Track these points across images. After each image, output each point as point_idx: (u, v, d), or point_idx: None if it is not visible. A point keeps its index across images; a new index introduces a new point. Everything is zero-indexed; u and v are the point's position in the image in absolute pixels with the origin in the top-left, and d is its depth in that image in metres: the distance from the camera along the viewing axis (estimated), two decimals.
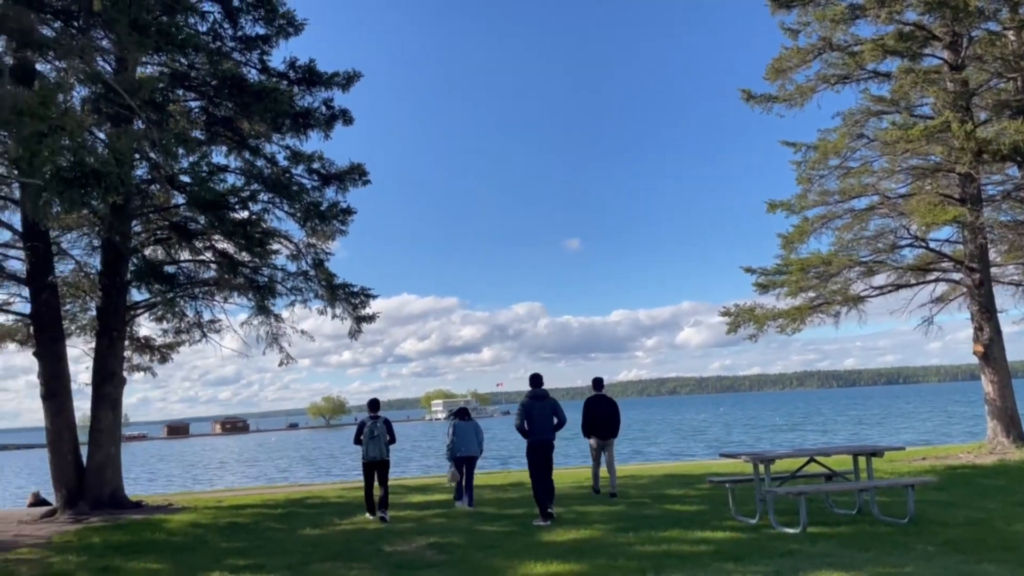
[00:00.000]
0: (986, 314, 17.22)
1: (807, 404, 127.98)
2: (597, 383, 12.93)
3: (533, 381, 10.68)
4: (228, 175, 14.97)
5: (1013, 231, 18.71)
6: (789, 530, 8.65)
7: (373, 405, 12.11)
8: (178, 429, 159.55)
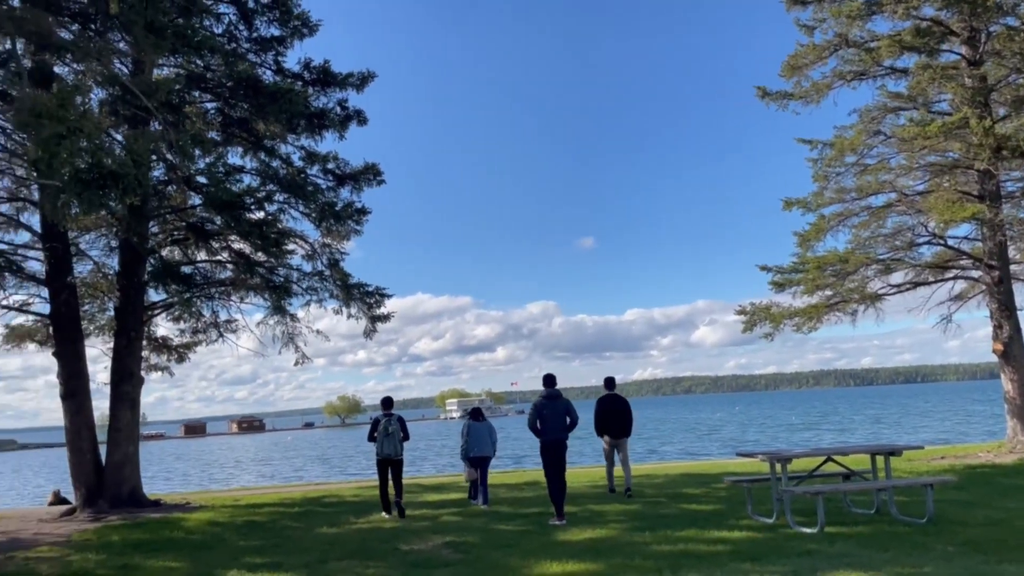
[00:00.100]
0: (1005, 312, 17.05)
1: (824, 403, 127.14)
2: (609, 382, 12.98)
3: (546, 381, 10.69)
4: (244, 176, 15.13)
5: None
6: (807, 530, 8.60)
7: (387, 403, 12.19)
8: (195, 428, 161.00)
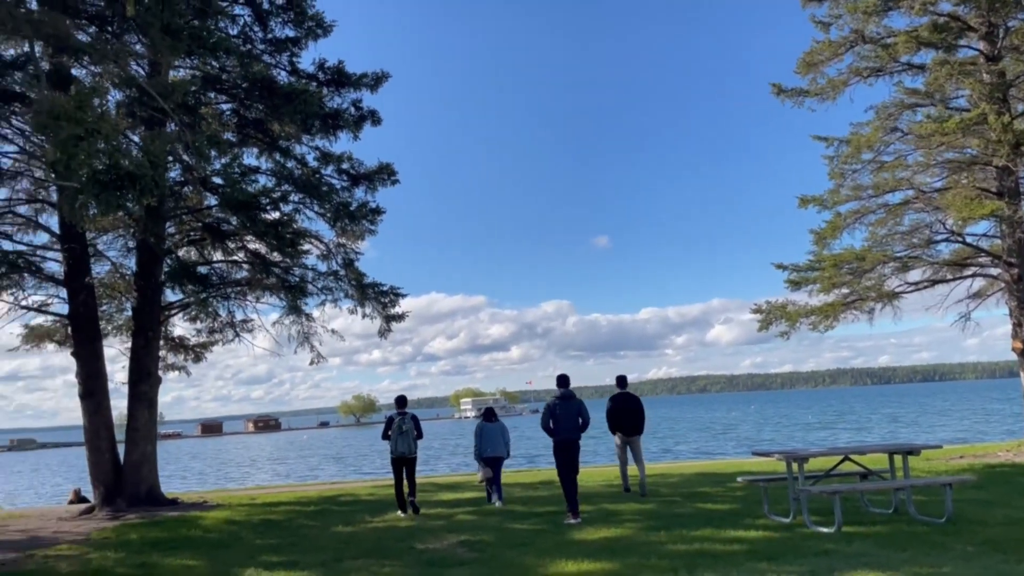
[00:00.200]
0: None
1: (840, 402, 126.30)
2: (621, 381, 13.00)
3: (560, 382, 10.69)
4: (259, 176, 15.22)
5: None
6: (824, 529, 8.55)
7: (400, 402, 12.27)
8: (212, 427, 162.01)
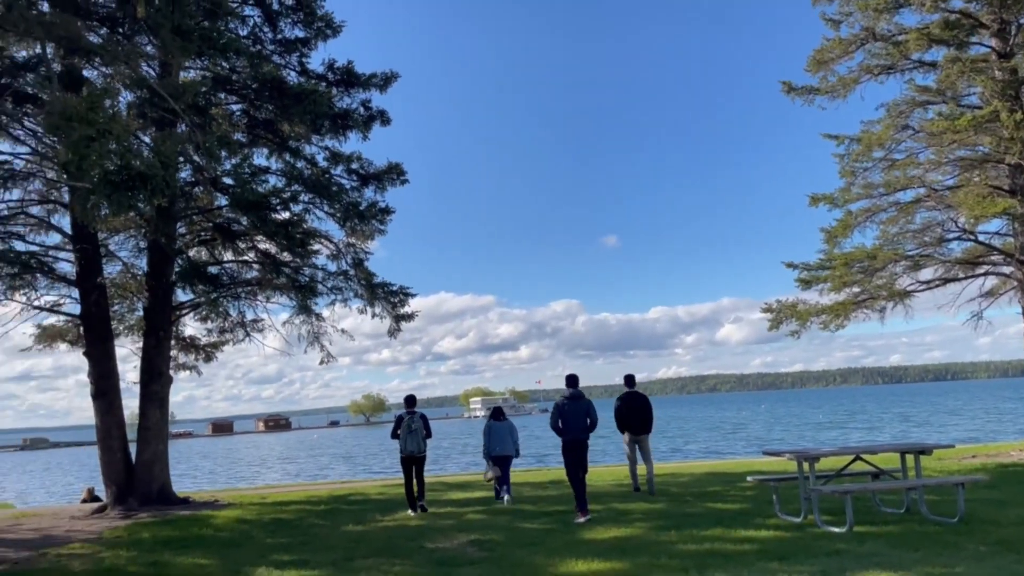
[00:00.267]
0: None
1: (851, 401, 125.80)
2: (629, 380, 12.99)
3: (569, 382, 10.69)
4: (269, 176, 15.28)
5: None
6: (835, 529, 8.51)
7: (410, 401, 12.34)
8: (222, 427, 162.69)
